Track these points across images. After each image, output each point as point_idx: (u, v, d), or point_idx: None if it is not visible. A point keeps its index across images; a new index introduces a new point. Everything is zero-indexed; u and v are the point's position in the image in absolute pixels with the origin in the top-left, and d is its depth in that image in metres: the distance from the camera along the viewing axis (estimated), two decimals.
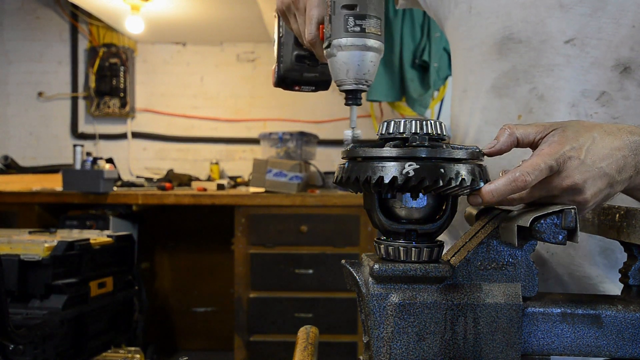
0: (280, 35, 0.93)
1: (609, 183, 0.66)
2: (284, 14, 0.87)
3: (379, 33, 0.73)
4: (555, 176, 0.65)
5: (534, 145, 0.68)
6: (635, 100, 0.85)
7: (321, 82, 0.95)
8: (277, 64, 0.94)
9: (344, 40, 0.72)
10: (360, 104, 0.77)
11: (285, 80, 0.94)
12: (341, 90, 0.76)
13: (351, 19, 0.71)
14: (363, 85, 0.74)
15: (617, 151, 0.66)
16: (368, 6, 0.72)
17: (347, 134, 0.71)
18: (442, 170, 0.60)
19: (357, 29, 0.71)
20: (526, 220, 0.60)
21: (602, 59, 0.86)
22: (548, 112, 0.89)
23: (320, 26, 0.78)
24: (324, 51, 0.76)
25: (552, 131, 0.67)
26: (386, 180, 0.60)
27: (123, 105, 4.16)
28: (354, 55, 0.72)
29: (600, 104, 0.86)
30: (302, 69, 0.92)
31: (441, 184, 0.60)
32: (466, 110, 1.04)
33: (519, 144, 0.69)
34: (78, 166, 3.31)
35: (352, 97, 0.75)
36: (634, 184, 0.69)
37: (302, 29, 0.83)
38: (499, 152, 0.68)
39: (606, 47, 0.85)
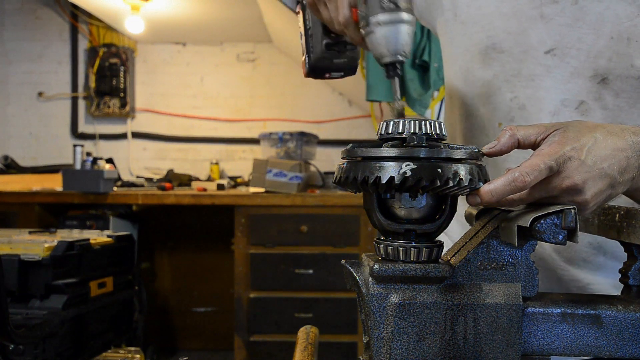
0: (308, 27, 0.99)
1: (610, 184, 0.66)
2: (313, 5, 0.91)
3: (410, 7, 0.78)
4: (555, 176, 0.64)
5: (535, 146, 0.68)
6: (612, 110, 0.86)
7: (349, 67, 1.00)
8: (307, 54, 0.99)
9: (381, 17, 0.77)
10: (400, 75, 0.81)
11: (316, 69, 0.99)
12: (381, 64, 0.81)
13: None
14: (402, 56, 0.79)
15: (620, 152, 0.66)
16: None
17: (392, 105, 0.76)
18: (439, 170, 0.60)
19: (392, 5, 0.76)
20: (526, 220, 0.60)
21: (581, 69, 0.86)
22: (529, 122, 0.90)
23: (353, 9, 0.84)
24: (362, 30, 0.81)
25: (553, 131, 0.67)
26: (383, 180, 0.60)
27: (123, 105, 4.16)
28: (392, 30, 0.77)
29: (579, 113, 0.87)
30: (332, 56, 0.97)
31: (438, 183, 0.59)
32: (453, 116, 1.06)
33: (520, 145, 0.68)
34: (78, 166, 3.31)
35: (393, 69, 0.79)
36: (637, 185, 0.69)
37: (334, 14, 0.87)
38: (499, 153, 0.68)
39: (585, 57, 0.86)
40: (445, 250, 0.69)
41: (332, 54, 0.97)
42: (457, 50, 1.00)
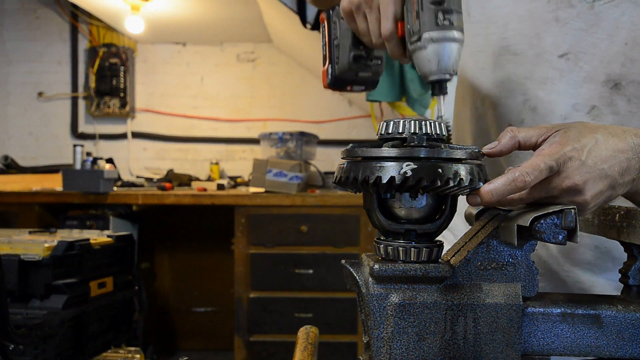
0: (334, 37, 0.97)
1: (610, 185, 0.66)
2: (350, 14, 0.89)
3: (462, 26, 0.77)
4: (555, 177, 0.64)
5: (536, 147, 0.68)
6: (624, 115, 0.86)
7: (371, 81, 0.99)
8: (331, 65, 0.98)
9: (435, 34, 0.75)
10: (447, 93, 0.80)
11: (340, 81, 0.98)
12: (428, 82, 0.79)
13: (440, 14, 0.75)
14: (450, 75, 0.78)
15: (621, 153, 0.66)
16: (453, 1, 0.76)
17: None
18: (440, 170, 0.60)
19: (447, 22, 0.75)
20: (526, 220, 0.60)
21: (594, 74, 0.86)
22: (539, 124, 0.89)
23: (399, 23, 0.82)
24: (410, 45, 0.79)
25: (554, 132, 0.67)
26: (384, 180, 0.60)
27: (123, 105, 4.16)
28: (444, 47, 0.76)
29: (590, 118, 0.87)
30: (358, 69, 0.96)
31: (439, 184, 0.59)
32: (465, 116, 1.05)
33: (520, 146, 0.68)
34: (78, 166, 3.31)
35: (439, 87, 0.78)
36: (637, 187, 0.69)
37: (374, 26, 0.85)
38: (499, 154, 0.68)
39: (598, 62, 0.86)
40: (447, 248, 0.69)
41: (358, 66, 0.95)
42: (470, 50, 0.99)
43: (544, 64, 0.89)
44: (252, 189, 3.22)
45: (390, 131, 0.65)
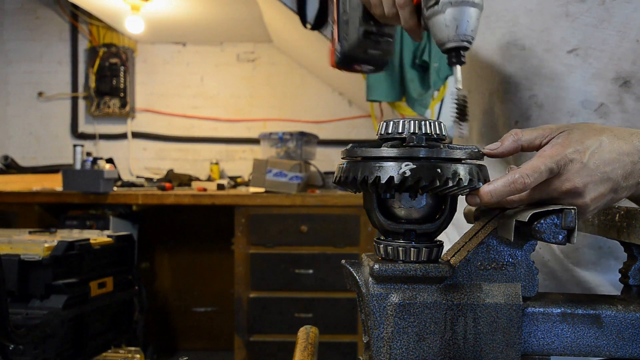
0: (343, 11, 0.94)
1: (612, 188, 0.65)
2: None
3: None
4: (556, 179, 0.64)
5: (539, 148, 0.67)
6: (632, 113, 0.85)
7: (381, 61, 0.96)
8: (339, 42, 0.95)
9: None
10: (464, 62, 0.76)
11: (348, 58, 0.95)
12: (445, 50, 0.75)
13: None
14: (469, 42, 0.74)
15: (626, 156, 0.65)
16: None
17: (453, 94, 0.71)
18: (439, 170, 0.59)
19: None
20: (525, 216, 0.60)
21: (603, 71, 0.85)
22: (546, 121, 0.88)
23: None
24: (425, 10, 0.76)
25: (558, 134, 0.66)
26: (383, 180, 0.60)
27: (123, 105, 4.16)
28: (464, 11, 0.72)
29: (598, 115, 0.86)
30: (367, 46, 0.92)
31: (438, 184, 0.59)
32: (472, 110, 1.03)
33: (523, 149, 0.68)
34: (78, 166, 3.31)
35: (457, 55, 0.75)
36: None
37: None
38: (501, 156, 0.68)
39: (608, 59, 0.84)
40: (445, 250, 0.69)
41: (368, 43, 0.92)
42: (477, 44, 0.97)
43: (552, 60, 0.88)
44: (252, 189, 3.22)
45: (390, 131, 0.64)
